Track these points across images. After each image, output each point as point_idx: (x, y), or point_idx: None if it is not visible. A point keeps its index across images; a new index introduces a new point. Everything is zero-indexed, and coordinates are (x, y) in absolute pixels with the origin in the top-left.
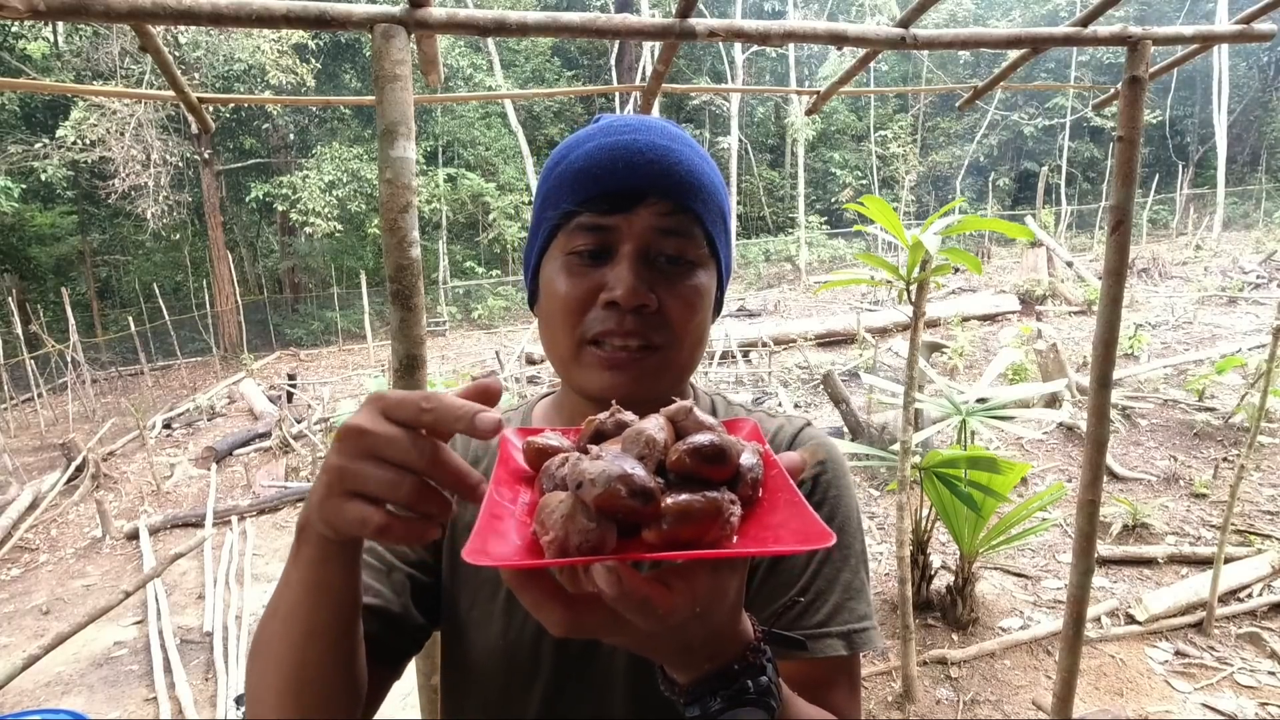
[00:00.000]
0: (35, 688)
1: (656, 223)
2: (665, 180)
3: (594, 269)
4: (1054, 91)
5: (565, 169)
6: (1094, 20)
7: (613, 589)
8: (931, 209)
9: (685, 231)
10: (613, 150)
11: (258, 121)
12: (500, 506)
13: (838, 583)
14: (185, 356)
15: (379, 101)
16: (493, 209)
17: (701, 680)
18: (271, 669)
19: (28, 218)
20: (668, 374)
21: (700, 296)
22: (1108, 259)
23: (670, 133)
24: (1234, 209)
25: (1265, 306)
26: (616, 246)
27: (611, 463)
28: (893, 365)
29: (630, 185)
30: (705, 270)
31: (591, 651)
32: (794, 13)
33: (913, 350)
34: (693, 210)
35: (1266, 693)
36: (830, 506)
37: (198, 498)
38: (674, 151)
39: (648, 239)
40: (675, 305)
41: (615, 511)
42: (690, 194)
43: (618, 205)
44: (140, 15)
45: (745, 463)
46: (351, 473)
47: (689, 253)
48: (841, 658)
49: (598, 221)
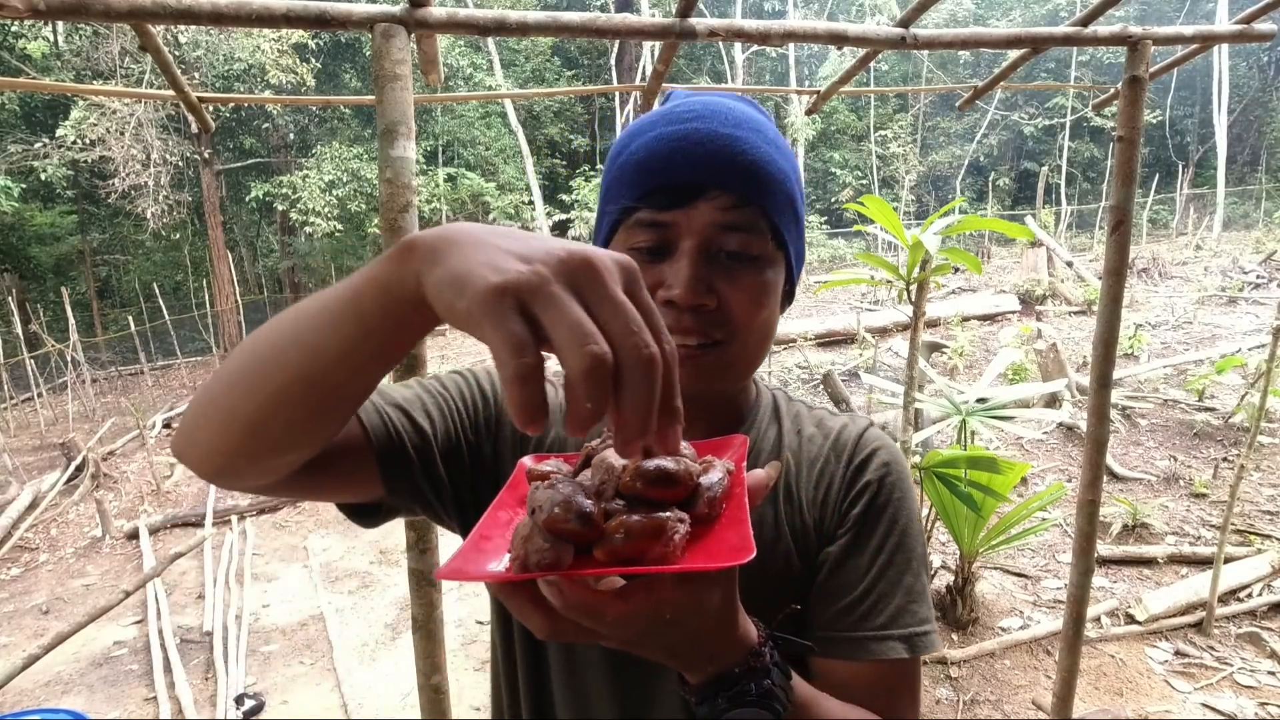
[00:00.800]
0: (35, 687)
1: (717, 218)
2: (727, 172)
3: (655, 265)
4: (1054, 91)
5: (626, 160)
6: (1094, 20)
7: (557, 600)
8: (931, 209)
9: (749, 226)
10: (671, 141)
11: (258, 121)
12: (495, 527)
13: (900, 586)
14: (185, 356)
15: (379, 101)
16: (493, 209)
17: (707, 682)
18: (249, 367)
19: (28, 217)
20: (729, 371)
21: (764, 293)
22: (1108, 259)
23: (736, 117)
24: (1234, 209)
25: (1265, 306)
26: (676, 243)
27: (558, 491)
28: (893, 365)
29: (689, 179)
30: (770, 265)
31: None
32: (794, 13)
33: (913, 350)
34: (757, 203)
35: (1266, 693)
36: (894, 509)
37: (198, 497)
38: (738, 140)
39: (708, 235)
40: (737, 302)
41: (562, 534)
42: (754, 186)
43: (676, 200)
44: (140, 15)
45: (704, 482)
46: (549, 294)
47: (753, 248)
48: (903, 660)
49: (656, 218)
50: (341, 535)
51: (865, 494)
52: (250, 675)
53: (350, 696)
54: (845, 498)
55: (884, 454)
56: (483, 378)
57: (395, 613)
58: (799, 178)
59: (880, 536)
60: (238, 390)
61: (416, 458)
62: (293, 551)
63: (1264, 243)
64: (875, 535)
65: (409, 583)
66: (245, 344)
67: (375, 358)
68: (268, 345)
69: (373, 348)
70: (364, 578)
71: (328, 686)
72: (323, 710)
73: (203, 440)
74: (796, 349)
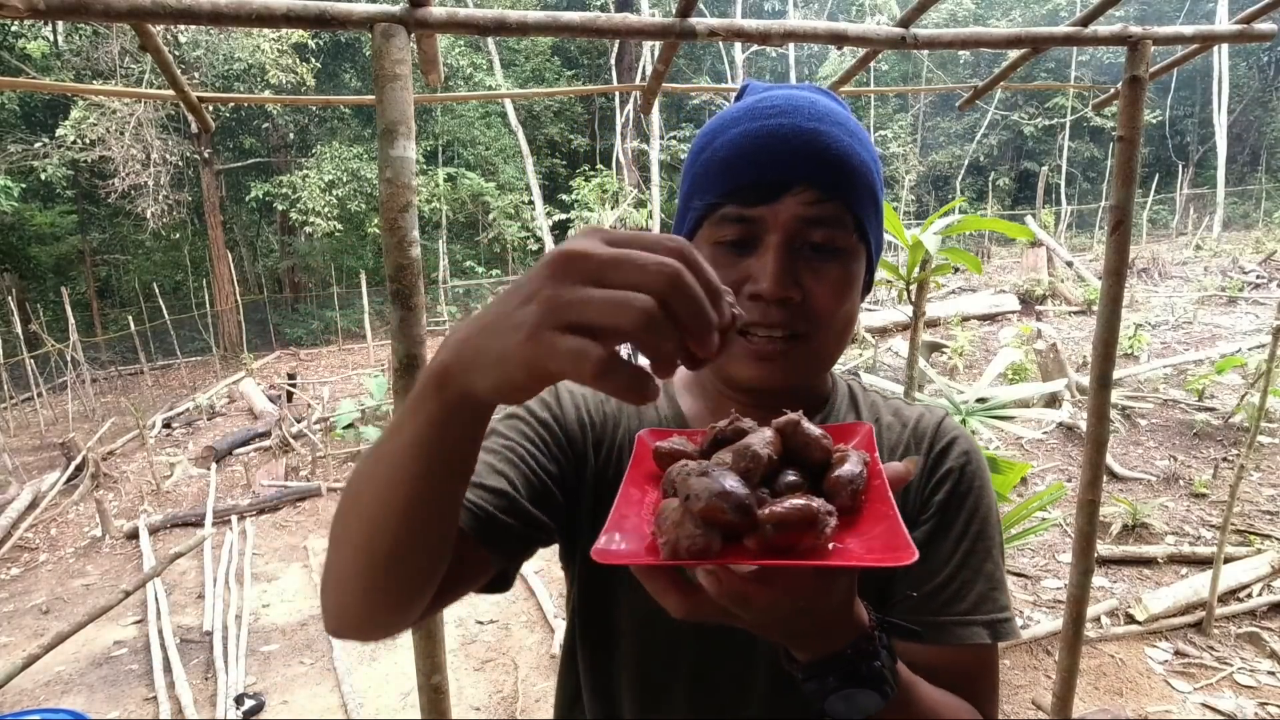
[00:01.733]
0: (35, 687)
1: (802, 212)
2: (810, 167)
3: (740, 259)
4: (1054, 91)
5: (710, 156)
6: (1094, 20)
7: (713, 588)
8: (931, 209)
9: (833, 220)
10: (757, 138)
11: (258, 121)
12: (629, 505)
13: (982, 573)
14: (185, 356)
15: (379, 101)
16: (493, 208)
17: (818, 661)
18: (356, 533)
19: (27, 217)
20: (813, 362)
21: (848, 285)
22: (1108, 259)
23: (818, 111)
24: (1234, 209)
25: (1265, 306)
26: (762, 237)
27: (714, 480)
28: (893, 365)
29: (774, 175)
30: (854, 257)
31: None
32: (794, 13)
33: (913, 350)
34: (840, 197)
35: (1266, 693)
36: (975, 497)
37: (197, 497)
38: (821, 135)
39: (793, 229)
40: (822, 295)
41: (717, 523)
42: (838, 180)
43: (762, 196)
44: (140, 15)
45: (846, 473)
46: (569, 300)
47: (836, 241)
48: (985, 646)
49: (742, 213)
50: None
51: (948, 481)
52: (250, 675)
53: (350, 696)
54: (928, 484)
55: (963, 443)
56: (535, 406)
57: None
58: (879, 167)
59: (963, 523)
60: (365, 567)
61: (511, 519)
62: (293, 551)
63: (1264, 243)
64: (958, 522)
65: None
66: (340, 532)
67: (456, 477)
68: (366, 525)
69: (454, 470)
70: None
71: (328, 686)
72: (323, 710)
73: (354, 617)
74: None
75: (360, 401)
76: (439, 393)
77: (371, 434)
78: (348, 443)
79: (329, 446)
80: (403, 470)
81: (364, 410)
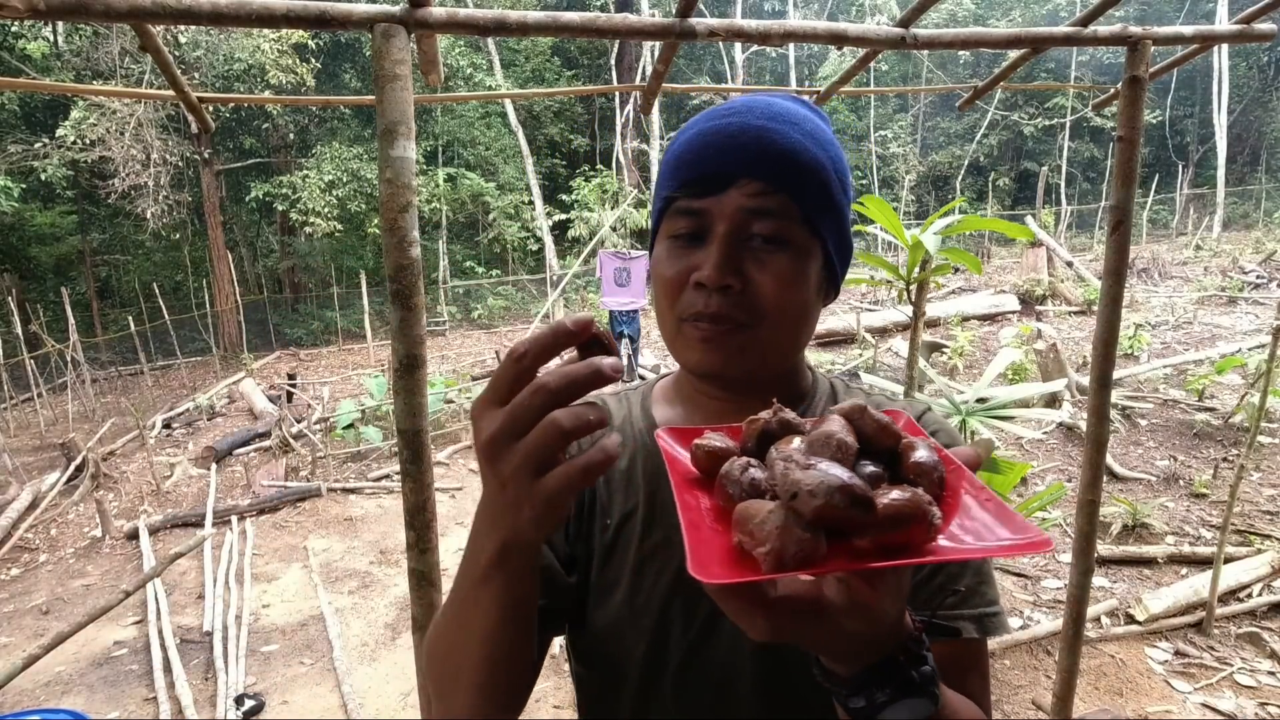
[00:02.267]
0: (35, 687)
1: (747, 203)
2: (756, 161)
3: (691, 251)
4: (1054, 91)
5: (668, 157)
6: (1094, 20)
7: (842, 598)
8: (931, 209)
9: (778, 212)
10: (705, 135)
11: (258, 121)
12: (694, 513)
13: (969, 566)
14: (185, 356)
15: (379, 101)
16: (493, 209)
17: (864, 672)
18: (468, 690)
19: (28, 217)
20: (760, 351)
21: (795, 277)
22: (1108, 259)
23: (773, 112)
24: (1234, 209)
25: (1265, 306)
26: (710, 228)
27: (828, 473)
28: (893, 365)
29: (721, 168)
30: (802, 251)
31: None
32: (794, 13)
33: (913, 350)
34: (786, 190)
35: (1266, 693)
36: None
37: (197, 497)
38: (769, 131)
39: (738, 219)
40: (765, 285)
41: (833, 522)
42: (782, 173)
43: (709, 188)
44: (140, 15)
45: (926, 460)
46: (518, 464)
47: (782, 232)
48: (974, 641)
49: (690, 205)
50: (341, 535)
51: None
52: (250, 675)
53: (350, 696)
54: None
55: (944, 436)
56: None
57: (395, 613)
58: (840, 169)
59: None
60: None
61: (557, 599)
62: (293, 551)
63: (1264, 243)
64: None
65: (409, 583)
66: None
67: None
68: (475, 690)
69: (531, 605)
70: (364, 578)
71: (328, 686)
72: (323, 710)
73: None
74: None
75: (360, 402)
76: (502, 560)
77: (372, 434)
78: (348, 443)
79: (329, 447)
80: (497, 630)
81: (364, 410)
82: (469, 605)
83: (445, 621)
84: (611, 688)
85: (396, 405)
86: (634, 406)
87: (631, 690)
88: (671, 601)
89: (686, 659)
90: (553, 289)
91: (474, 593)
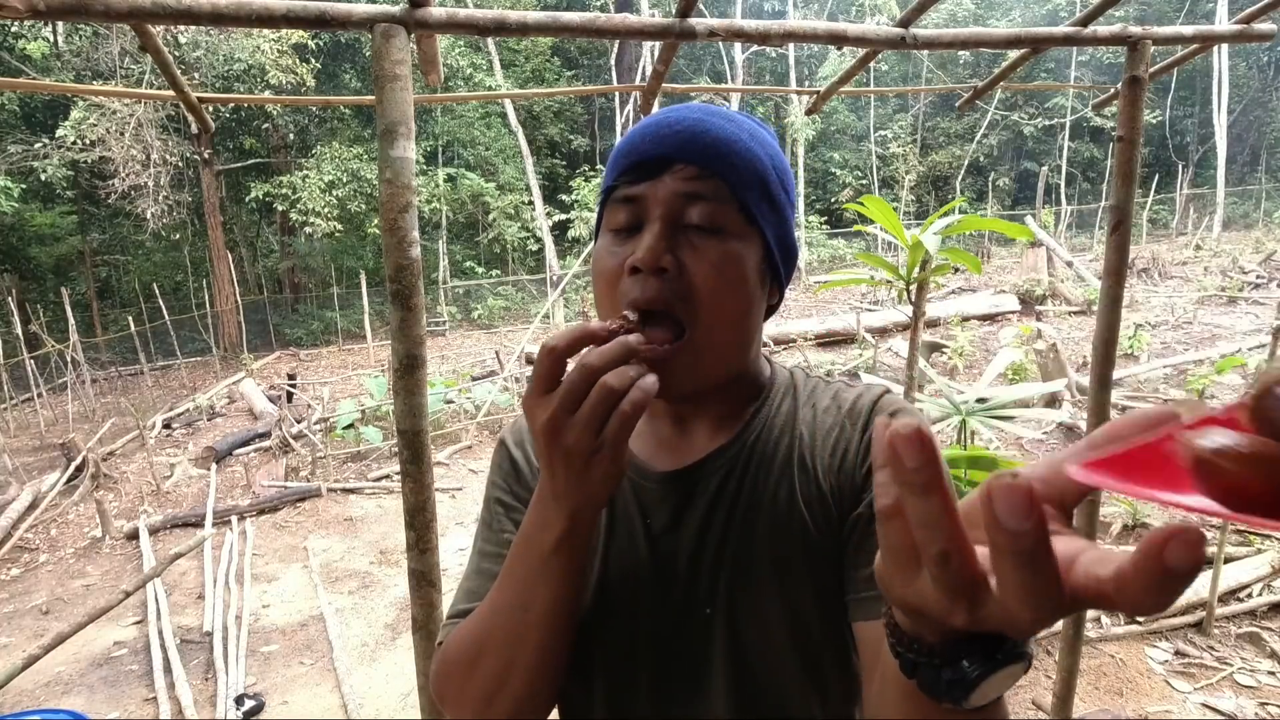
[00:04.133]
0: (35, 688)
1: (681, 187)
2: (690, 146)
3: (628, 242)
4: (1054, 91)
5: (613, 153)
6: (1094, 20)
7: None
8: (931, 209)
9: (713, 196)
10: (644, 127)
11: (257, 121)
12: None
13: None
14: (185, 356)
15: (379, 101)
16: (493, 209)
17: (952, 639)
18: (526, 662)
19: (28, 218)
20: (698, 365)
21: (731, 263)
22: (1108, 259)
23: (710, 110)
24: (1234, 209)
25: (1265, 306)
26: (646, 215)
27: None
28: (893, 365)
29: (656, 153)
30: (739, 239)
31: (689, 647)
32: (794, 13)
33: (913, 350)
34: (720, 175)
35: (1266, 693)
36: None
37: (197, 498)
38: (704, 122)
39: (673, 204)
40: (701, 271)
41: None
42: (717, 158)
43: (645, 174)
44: (140, 15)
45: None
46: (586, 417)
47: (717, 219)
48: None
49: (628, 193)
50: (341, 535)
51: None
52: (250, 675)
53: (350, 696)
54: (863, 462)
55: (902, 416)
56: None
57: (395, 613)
58: (778, 166)
59: None
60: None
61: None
62: (293, 551)
63: (1264, 243)
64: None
65: (409, 583)
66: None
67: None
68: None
69: (587, 580)
70: (364, 578)
71: (328, 686)
72: (323, 710)
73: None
74: (796, 349)
75: (360, 402)
76: (574, 534)
77: (372, 434)
78: (348, 443)
79: (329, 447)
80: (561, 603)
81: (364, 411)
82: (533, 585)
83: (493, 618)
84: (583, 688)
85: (396, 405)
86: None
87: (603, 689)
88: (639, 599)
89: (654, 677)
90: (553, 289)
91: (541, 569)
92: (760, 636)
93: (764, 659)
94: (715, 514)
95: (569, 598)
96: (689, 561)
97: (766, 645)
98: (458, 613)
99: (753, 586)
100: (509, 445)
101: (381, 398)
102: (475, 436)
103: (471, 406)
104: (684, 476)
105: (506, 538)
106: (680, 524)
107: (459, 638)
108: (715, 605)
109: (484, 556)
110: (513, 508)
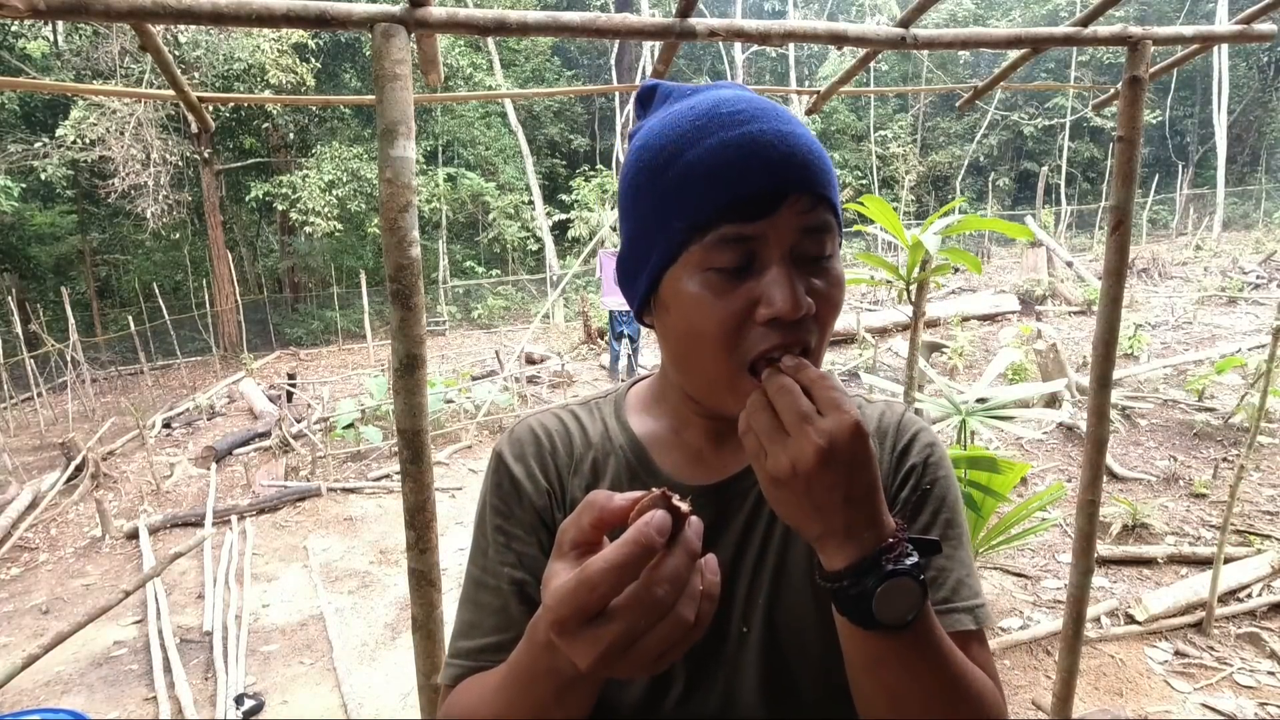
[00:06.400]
0: (35, 687)
1: (801, 222)
2: (802, 174)
3: (741, 283)
4: (1054, 91)
5: (686, 171)
6: (1094, 20)
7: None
8: (931, 209)
9: (826, 226)
10: (741, 146)
11: (257, 121)
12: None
13: (955, 559)
14: (185, 356)
15: (379, 101)
16: (493, 209)
17: (855, 563)
18: None
19: (27, 217)
20: None
21: (839, 286)
22: (1108, 259)
23: (779, 113)
24: (1234, 209)
25: (1265, 306)
26: (759, 254)
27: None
28: (893, 365)
29: (770, 186)
30: (838, 257)
31: (720, 649)
32: (794, 13)
33: (913, 350)
34: (828, 199)
35: (1266, 693)
36: (941, 488)
37: (197, 497)
38: (798, 137)
39: (794, 241)
40: (824, 305)
41: None
42: (824, 182)
43: (762, 209)
44: (140, 15)
45: None
46: (642, 655)
47: (828, 246)
48: (971, 632)
49: (741, 231)
50: (341, 535)
51: (912, 477)
52: (250, 675)
53: (350, 696)
54: (892, 482)
55: (925, 436)
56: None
57: (395, 613)
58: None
59: (931, 513)
60: None
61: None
62: (293, 551)
63: (1264, 243)
64: (926, 512)
65: (409, 583)
66: None
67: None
68: None
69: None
70: (364, 578)
71: (328, 686)
72: (323, 710)
73: None
74: None
75: (360, 401)
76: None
77: (372, 434)
78: (348, 443)
79: (329, 446)
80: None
81: (364, 410)
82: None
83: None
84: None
85: (396, 405)
86: (609, 419)
87: (634, 709)
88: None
89: (684, 695)
90: (553, 289)
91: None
92: (798, 657)
93: (801, 680)
94: (752, 532)
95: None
96: (724, 581)
97: (803, 666)
98: (460, 651)
99: (791, 607)
100: (508, 460)
101: (381, 397)
102: (475, 436)
103: (471, 406)
104: (719, 491)
105: (507, 572)
106: (716, 542)
107: (465, 710)
108: (751, 624)
109: (481, 588)
110: (514, 536)
